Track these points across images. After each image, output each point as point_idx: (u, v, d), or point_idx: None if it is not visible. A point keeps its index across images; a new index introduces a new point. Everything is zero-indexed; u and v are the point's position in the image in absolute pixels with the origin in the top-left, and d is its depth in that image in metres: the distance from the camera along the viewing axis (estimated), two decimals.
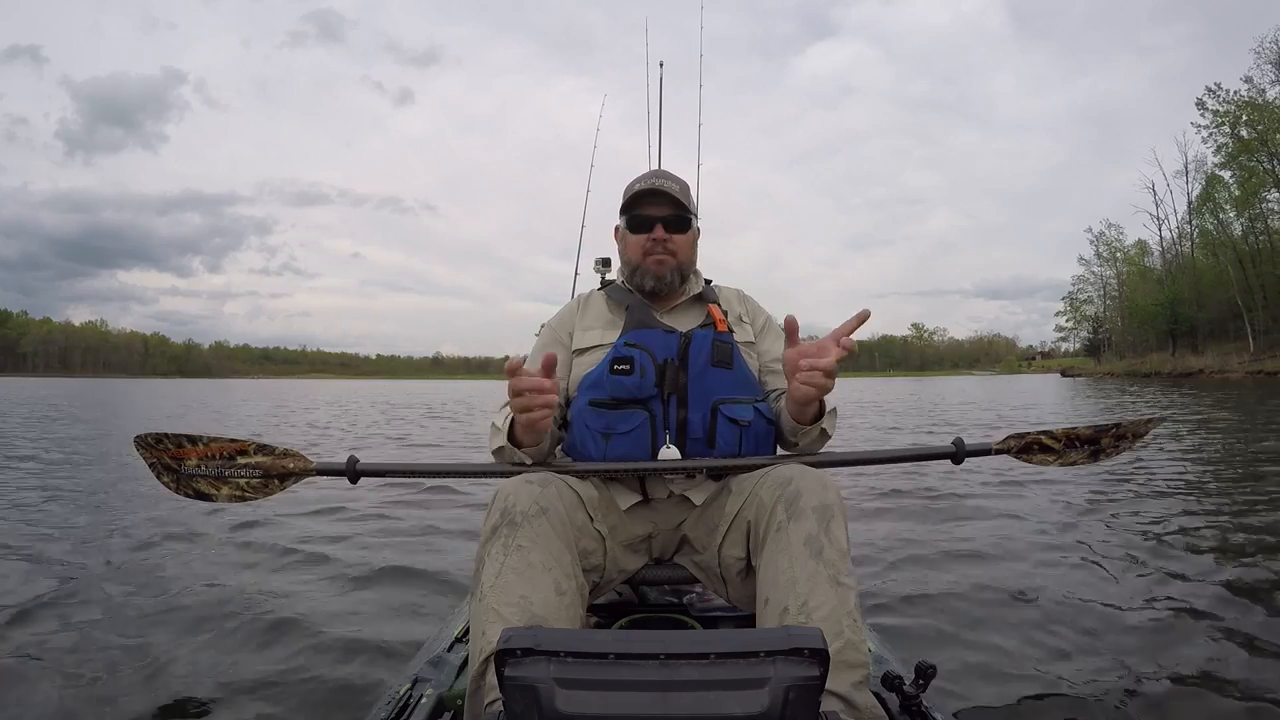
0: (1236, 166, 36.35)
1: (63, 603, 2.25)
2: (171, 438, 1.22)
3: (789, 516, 1.01)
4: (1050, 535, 3.05)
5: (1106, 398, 17.12)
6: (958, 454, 1.30)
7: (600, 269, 1.90)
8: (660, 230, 1.31)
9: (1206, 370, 33.95)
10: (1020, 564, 2.62)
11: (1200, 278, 41.53)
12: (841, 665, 0.89)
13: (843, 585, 0.95)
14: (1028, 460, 1.36)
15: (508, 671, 0.62)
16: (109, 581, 2.49)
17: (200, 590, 2.42)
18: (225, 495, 1.23)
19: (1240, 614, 2.01)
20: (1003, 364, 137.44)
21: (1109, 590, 2.28)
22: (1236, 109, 35.66)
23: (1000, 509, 3.60)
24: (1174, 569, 2.46)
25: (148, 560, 2.80)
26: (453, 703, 1.11)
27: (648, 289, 1.34)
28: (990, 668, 1.74)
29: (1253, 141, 34.70)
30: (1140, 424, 1.41)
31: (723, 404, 1.23)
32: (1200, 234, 41.64)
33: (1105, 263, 54.24)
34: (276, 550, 2.97)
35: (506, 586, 0.93)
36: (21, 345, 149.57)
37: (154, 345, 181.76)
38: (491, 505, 1.03)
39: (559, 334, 1.39)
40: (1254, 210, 36.26)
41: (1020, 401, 13.16)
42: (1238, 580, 2.30)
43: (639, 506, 1.25)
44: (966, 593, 2.30)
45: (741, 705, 0.61)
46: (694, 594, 1.46)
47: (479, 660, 0.89)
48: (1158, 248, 48.24)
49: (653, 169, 1.57)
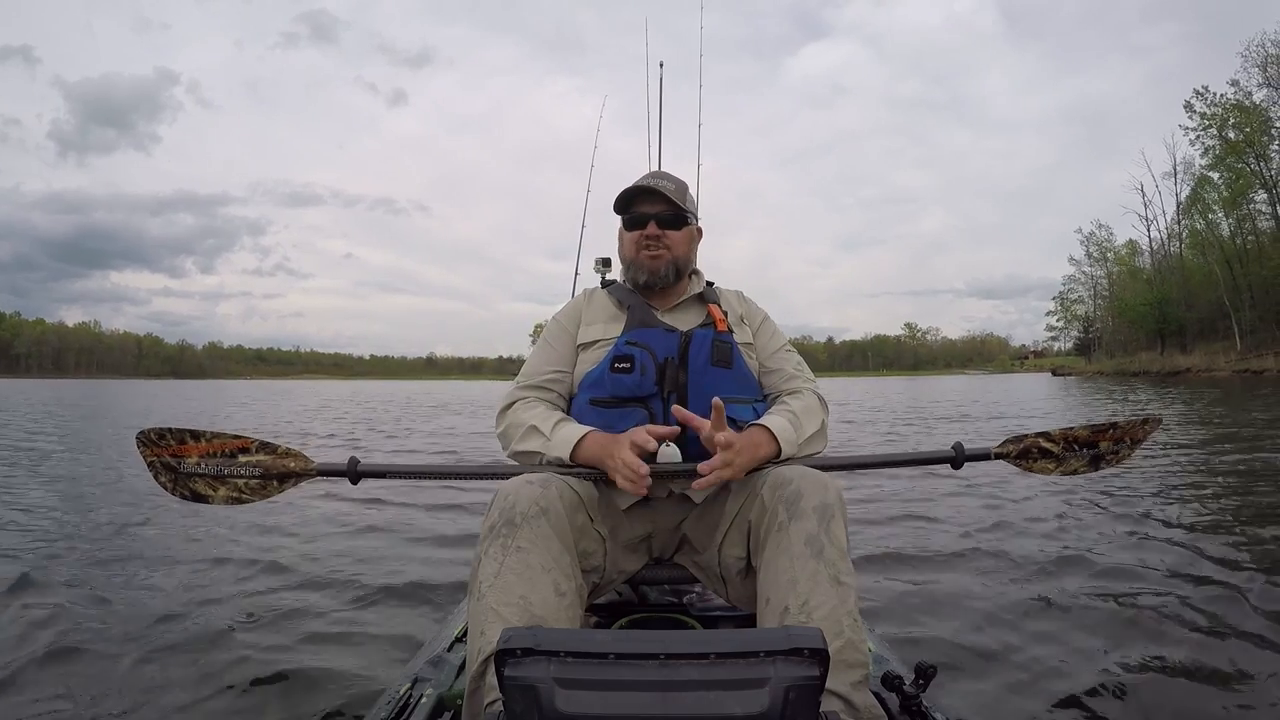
0: (1224, 168, 36.96)
1: (62, 605, 2.24)
2: (174, 433, 1.21)
3: (790, 517, 1.01)
4: (1050, 535, 3.06)
5: (1093, 397, 17.17)
6: (957, 459, 1.30)
7: (600, 269, 1.90)
8: (653, 226, 1.32)
9: (1194, 369, 34.49)
10: (1020, 564, 2.62)
11: (1189, 278, 42.21)
12: (841, 665, 0.89)
13: (843, 584, 0.96)
14: (1028, 468, 1.35)
15: (508, 671, 0.62)
16: (107, 582, 2.49)
17: (199, 591, 2.41)
18: (222, 497, 1.22)
19: (1242, 613, 2.02)
20: (995, 363, 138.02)
21: (1109, 590, 2.28)
22: (1224, 112, 36.30)
23: (1000, 509, 3.62)
24: (1174, 568, 2.48)
25: (145, 561, 2.78)
26: (453, 703, 1.10)
27: (642, 283, 1.35)
28: (990, 668, 1.75)
29: (1240, 144, 35.31)
30: (1138, 426, 1.39)
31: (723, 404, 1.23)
32: (1190, 234, 42.33)
33: (1095, 263, 55.14)
34: (275, 550, 2.96)
35: (506, 587, 0.93)
36: (15, 347, 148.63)
37: (148, 346, 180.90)
38: (491, 505, 1.03)
39: (567, 327, 1.39)
40: (1241, 211, 36.97)
41: (998, 410, 12.83)
42: (1238, 579, 2.31)
43: (639, 506, 1.24)
44: (967, 593, 2.30)
45: (741, 705, 0.61)
46: (694, 594, 1.46)
47: (478, 660, 0.89)
48: (1146, 248, 49.15)
49: (653, 170, 1.57)
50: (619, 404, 1.22)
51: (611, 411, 1.22)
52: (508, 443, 1.27)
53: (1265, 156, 35.00)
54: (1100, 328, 55.52)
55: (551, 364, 1.35)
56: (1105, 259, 53.89)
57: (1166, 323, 43.57)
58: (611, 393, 1.23)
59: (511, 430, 1.27)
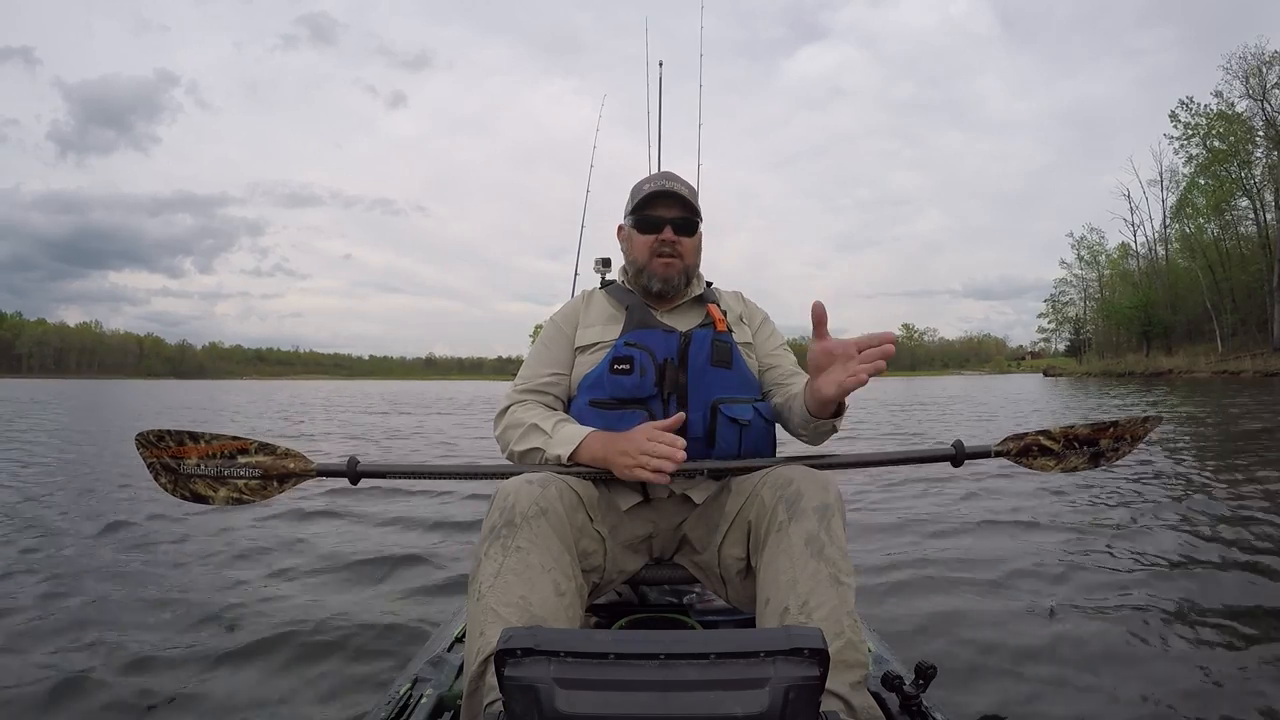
0: (1210, 175, 37.71)
1: (61, 599, 2.23)
2: (173, 435, 1.21)
3: (790, 517, 1.01)
4: (1051, 535, 3.06)
5: (1073, 398, 17.29)
6: (957, 456, 1.30)
7: (600, 269, 1.90)
8: (669, 232, 1.31)
9: (1176, 370, 35.47)
10: (1021, 564, 2.62)
11: (1176, 281, 43.16)
12: (841, 665, 0.89)
13: (843, 584, 0.96)
14: (1028, 465, 1.35)
15: (508, 671, 0.62)
16: (104, 581, 2.48)
17: (197, 591, 2.41)
18: (222, 497, 1.21)
19: (1246, 613, 2.02)
20: (992, 364, 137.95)
21: (1109, 590, 2.29)
22: (1208, 121, 37.14)
23: (1000, 509, 3.61)
24: (1175, 568, 2.48)
25: (142, 561, 2.78)
26: (453, 703, 1.10)
27: (654, 291, 1.33)
28: (990, 668, 1.75)
29: (1224, 152, 36.16)
30: (1139, 424, 1.39)
31: (722, 403, 1.23)
32: (1179, 238, 43.24)
33: (1086, 266, 55.79)
34: (274, 550, 2.96)
35: (505, 587, 0.93)
36: (16, 346, 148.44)
37: (149, 346, 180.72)
38: (492, 505, 1.03)
39: (564, 329, 1.38)
40: (1224, 219, 37.89)
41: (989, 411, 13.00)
42: (1239, 579, 2.31)
43: (640, 506, 1.24)
44: (967, 593, 2.30)
45: (741, 705, 0.61)
46: (694, 594, 1.46)
47: (478, 660, 0.89)
48: (1134, 252, 49.86)
49: (661, 170, 1.56)
50: (619, 405, 1.22)
51: (611, 413, 1.22)
52: (507, 444, 1.27)
53: (1248, 164, 35.91)
54: (1090, 330, 56.53)
55: (549, 367, 1.34)
56: (1096, 262, 54.66)
57: (1152, 325, 44.56)
58: (611, 394, 1.22)
59: (510, 431, 1.26)
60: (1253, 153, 35.53)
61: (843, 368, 1.04)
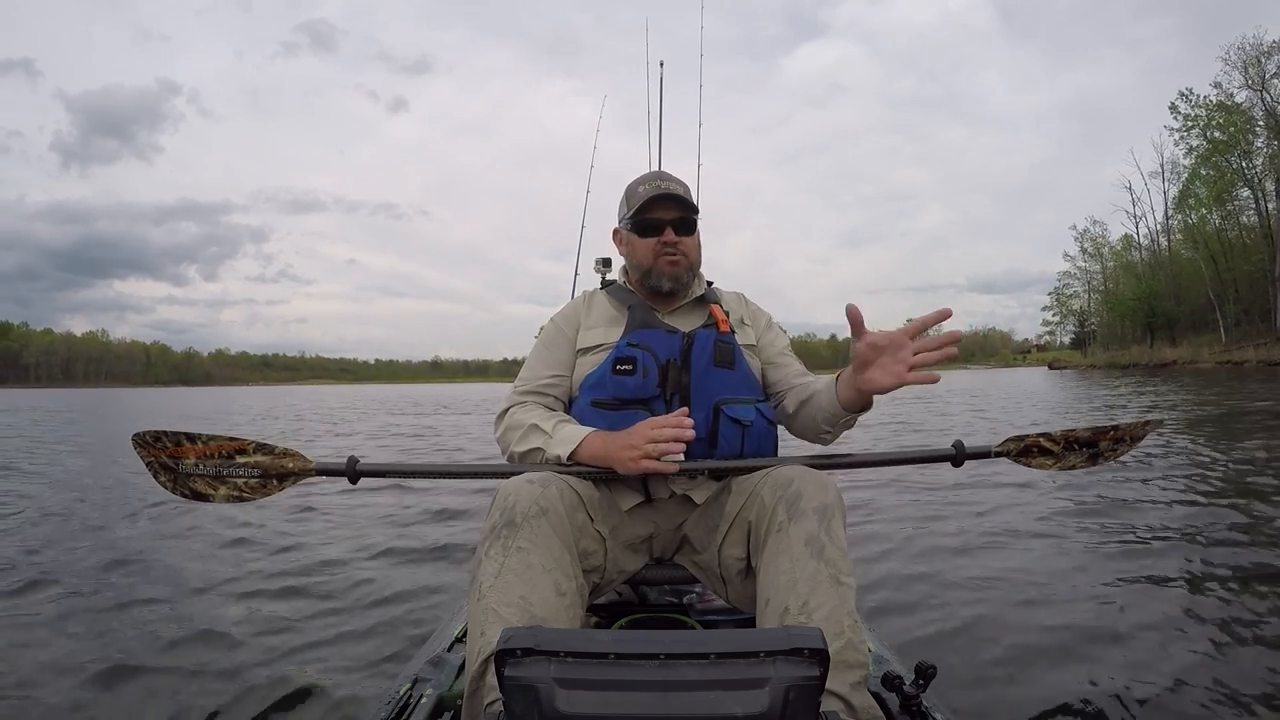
0: (1211, 166, 37.82)
1: (59, 599, 2.25)
2: (170, 435, 1.20)
3: (790, 517, 1.01)
4: (1051, 535, 3.04)
5: (1077, 386, 17.17)
6: (957, 457, 1.29)
7: (600, 269, 1.90)
8: (670, 233, 1.30)
9: (1179, 361, 35.59)
10: (1021, 564, 2.61)
11: (1180, 272, 43.21)
12: (841, 665, 0.89)
13: (843, 585, 0.95)
14: (1027, 464, 1.36)
15: (508, 671, 0.62)
16: (101, 581, 2.50)
17: (195, 592, 2.42)
18: (222, 495, 1.22)
19: (1244, 612, 2.00)
20: (998, 357, 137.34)
21: (1110, 590, 2.27)
22: (1208, 112, 37.19)
23: (1000, 508, 3.60)
24: (1175, 567, 2.46)
25: (140, 562, 2.80)
26: (453, 703, 1.10)
27: (665, 291, 1.33)
28: (990, 668, 1.74)
29: (1225, 143, 36.26)
30: (1138, 426, 1.40)
31: (725, 404, 1.23)
32: (1182, 229, 43.32)
33: (1090, 258, 55.78)
34: (273, 550, 2.97)
35: (506, 587, 0.93)
36: (24, 357, 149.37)
37: (156, 354, 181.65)
38: (492, 505, 1.03)
39: (564, 330, 1.37)
40: (1226, 209, 37.96)
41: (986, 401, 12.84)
42: (1239, 579, 2.29)
43: (640, 506, 1.24)
44: (967, 593, 2.29)
45: (741, 705, 0.60)
46: (694, 594, 1.46)
47: (478, 660, 0.89)
48: (1136, 244, 49.92)
49: (654, 170, 1.56)
50: (621, 406, 1.22)
51: (613, 413, 1.22)
52: (507, 445, 1.27)
53: (1249, 154, 35.99)
54: (1095, 322, 56.57)
55: (549, 368, 1.34)
56: (1100, 254, 54.60)
57: (1155, 317, 44.50)
58: (613, 394, 1.22)
59: (511, 432, 1.26)
60: (1253, 143, 35.71)
61: (893, 358, 1.04)
